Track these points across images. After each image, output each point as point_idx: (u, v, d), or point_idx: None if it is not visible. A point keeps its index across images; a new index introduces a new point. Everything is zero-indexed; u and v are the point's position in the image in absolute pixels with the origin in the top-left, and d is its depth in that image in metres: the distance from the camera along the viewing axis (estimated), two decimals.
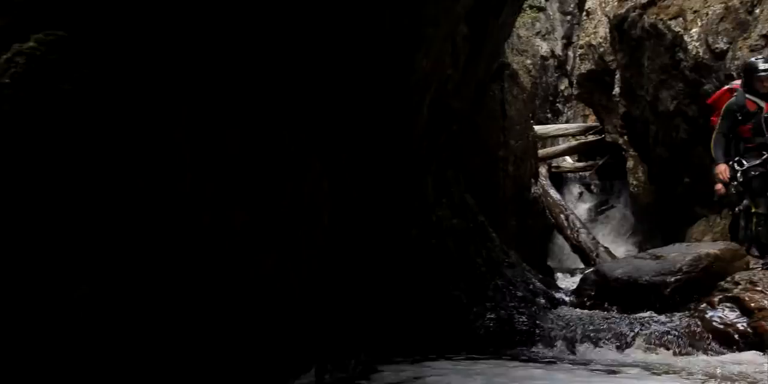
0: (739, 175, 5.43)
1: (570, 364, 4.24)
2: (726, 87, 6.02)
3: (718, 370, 3.91)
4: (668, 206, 9.75)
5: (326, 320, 3.72)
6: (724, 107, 5.60)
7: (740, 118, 5.43)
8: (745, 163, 5.42)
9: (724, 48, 7.47)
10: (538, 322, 5.03)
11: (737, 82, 5.92)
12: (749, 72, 5.51)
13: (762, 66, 5.42)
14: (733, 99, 5.54)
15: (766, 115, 5.37)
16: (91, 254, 1.90)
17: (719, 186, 5.73)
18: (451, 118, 4.68)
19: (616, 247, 11.53)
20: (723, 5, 7.60)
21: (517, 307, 5.18)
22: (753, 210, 5.46)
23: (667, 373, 3.88)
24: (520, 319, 5.02)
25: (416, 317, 4.73)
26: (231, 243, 2.40)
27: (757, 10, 7.25)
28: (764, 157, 5.36)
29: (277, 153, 2.55)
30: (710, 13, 7.73)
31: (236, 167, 2.32)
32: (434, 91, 3.94)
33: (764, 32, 7.07)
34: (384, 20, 2.97)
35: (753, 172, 5.38)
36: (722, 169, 5.52)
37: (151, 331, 2.14)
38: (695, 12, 7.92)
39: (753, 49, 7.09)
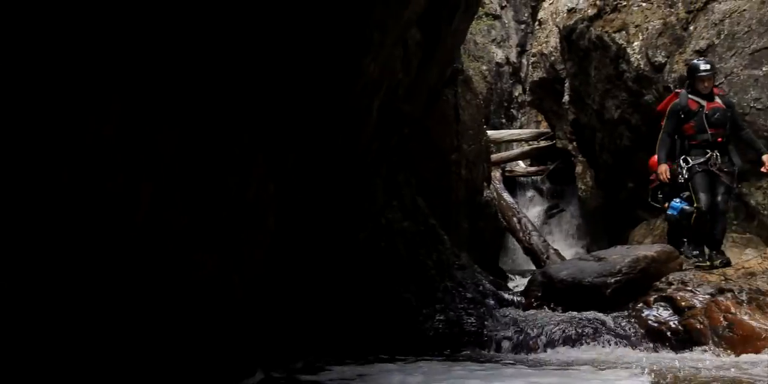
0: (684, 171, 5.64)
1: (516, 363, 4.37)
2: (672, 93, 6.22)
3: (654, 366, 4.10)
4: (613, 210, 10.10)
5: (272, 323, 3.75)
6: (668, 108, 5.80)
7: (683, 116, 5.65)
8: (690, 160, 5.63)
9: (663, 61, 7.82)
10: (486, 323, 5.17)
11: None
12: (691, 73, 5.74)
13: (703, 66, 5.67)
14: (676, 100, 5.78)
15: (707, 112, 5.56)
16: (10, 251, 1.86)
17: (662, 174, 5.80)
18: (402, 122, 4.78)
19: (566, 249, 11.85)
20: (662, 21, 7.95)
21: (466, 308, 5.31)
22: (694, 205, 5.66)
23: (609, 368, 4.04)
24: (469, 321, 5.14)
25: (367, 319, 4.80)
26: (169, 243, 2.41)
27: (692, 27, 7.62)
28: (708, 155, 5.57)
29: (219, 154, 2.57)
30: (650, 27, 8.08)
31: (176, 168, 2.33)
32: (384, 94, 4.03)
33: (697, 48, 7.43)
34: (331, 25, 3.03)
35: (698, 169, 5.59)
36: (663, 169, 5.73)
37: (80, 332, 2.11)
38: (637, 26, 8.26)
39: (688, 63, 7.41)
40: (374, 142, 4.15)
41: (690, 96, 5.69)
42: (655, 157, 7.29)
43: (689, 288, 5.16)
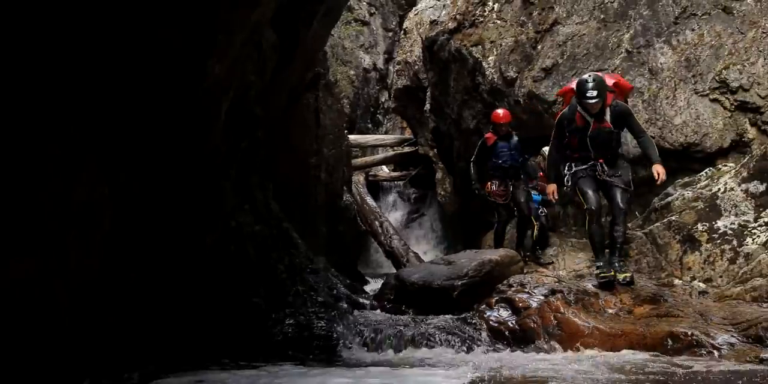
0: (567, 178, 5.51)
1: (360, 364, 4.44)
2: (571, 86, 5.61)
3: (485, 364, 4.34)
4: (469, 215, 10.61)
5: (108, 330, 3.53)
6: (557, 118, 5.54)
7: (568, 133, 5.40)
8: (573, 166, 5.45)
9: (514, 76, 8.33)
10: (336, 326, 5.21)
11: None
12: (580, 92, 5.26)
13: (590, 93, 5.15)
14: (565, 110, 5.47)
15: (590, 134, 5.30)
16: None
17: (550, 194, 5.71)
18: (255, 125, 4.69)
19: (426, 252, 12.27)
20: (513, 39, 8.48)
21: (318, 312, 5.32)
22: (585, 207, 5.49)
23: (444, 367, 4.21)
24: (319, 324, 5.16)
25: (215, 325, 4.66)
26: None
27: (539, 46, 8.19)
28: (590, 163, 5.43)
29: (35, 155, 2.38)
30: (503, 44, 8.58)
31: None
32: (234, 96, 3.93)
33: (544, 66, 7.99)
34: (173, 24, 2.91)
35: (581, 174, 5.44)
36: (552, 189, 5.58)
37: None
38: (492, 42, 8.74)
39: (535, 80, 7.99)
40: (223, 143, 4.04)
41: (579, 110, 5.32)
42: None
43: (527, 290, 5.53)
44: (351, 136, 11.71)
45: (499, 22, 8.91)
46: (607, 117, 5.31)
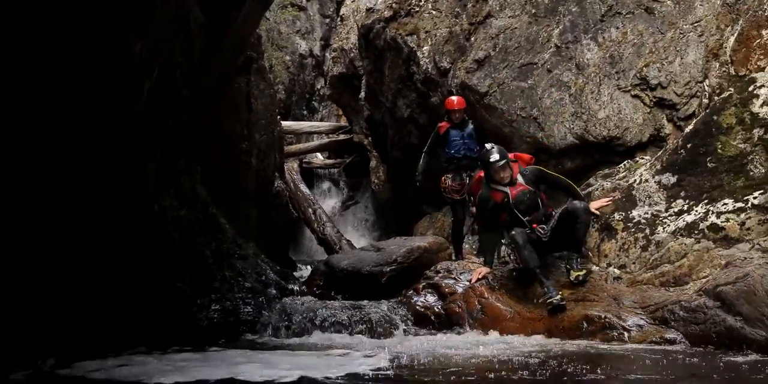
0: (509, 241, 5.24)
1: (286, 349, 4.45)
2: (477, 176, 5.55)
3: (410, 346, 4.44)
4: (402, 203, 10.73)
5: (15, 320, 3.39)
6: (476, 199, 5.43)
7: (492, 211, 5.28)
8: (514, 232, 5.13)
9: (447, 67, 8.44)
10: (263, 312, 5.19)
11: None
12: (486, 165, 5.22)
13: (493, 157, 5.11)
14: (482, 191, 5.36)
15: (513, 202, 5.15)
16: None
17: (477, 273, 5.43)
18: (182, 107, 4.57)
19: (359, 239, 12.32)
20: (448, 30, 8.58)
21: (244, 298, 5.28)
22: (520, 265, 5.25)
23: (365, 352, 4.26)
24: (246, 310, 5.13)
25: (136, 311, 4.55)
26: None
27: (473, 38, 8.33)
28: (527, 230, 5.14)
29: None
30: (438, 34, 8.68)
31: None
32: (158, 77, 3.82)
33: (476, 58, 8.14)
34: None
35: (522, 235, 5.10)
36: (484, 273, 5.40)
37: None
38: (427, 32, 8.82)
39: (468, 71, 8.13)
40: (146, 124, 3.92)
41: (491, 186, 5.22)
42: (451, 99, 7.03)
43: (453, 275, 5.66)
44: (285, 123, 11.60)
45: (434, 12, 8.98)
46: (521, 180, 5.23)
